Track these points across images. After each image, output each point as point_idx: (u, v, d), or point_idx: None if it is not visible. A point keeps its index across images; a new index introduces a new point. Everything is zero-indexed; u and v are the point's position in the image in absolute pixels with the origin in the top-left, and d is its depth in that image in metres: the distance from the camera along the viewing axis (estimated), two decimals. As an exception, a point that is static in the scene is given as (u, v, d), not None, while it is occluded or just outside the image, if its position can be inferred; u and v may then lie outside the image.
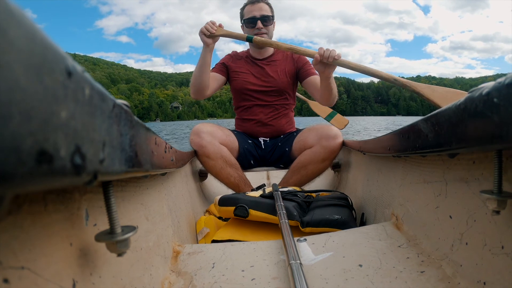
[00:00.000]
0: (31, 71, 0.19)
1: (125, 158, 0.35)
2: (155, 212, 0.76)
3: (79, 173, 0.24)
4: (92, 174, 0.27)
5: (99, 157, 0.27)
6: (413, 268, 0.66)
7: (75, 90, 0.24)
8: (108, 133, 0.30)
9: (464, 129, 0.44)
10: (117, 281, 0.49)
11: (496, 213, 0.47)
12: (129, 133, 0.37)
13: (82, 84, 0.25)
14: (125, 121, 0.35)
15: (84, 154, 0.24)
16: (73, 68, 0.23)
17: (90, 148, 0.26)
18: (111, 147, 0.30)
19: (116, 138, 0.32)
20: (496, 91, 0.35)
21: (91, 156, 0.26)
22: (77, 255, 0.39)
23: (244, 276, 0.70)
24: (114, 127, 0.32)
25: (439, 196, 0.69)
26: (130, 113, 0.38)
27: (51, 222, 0.35)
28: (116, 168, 0.32)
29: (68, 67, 0.23)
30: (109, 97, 0.31)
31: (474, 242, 0.56)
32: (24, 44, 0.18)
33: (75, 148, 0.23)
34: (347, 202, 1.25)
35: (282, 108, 1.99)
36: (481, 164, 0.56)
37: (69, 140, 0.22)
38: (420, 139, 0.61)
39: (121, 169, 0.33)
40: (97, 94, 0.28)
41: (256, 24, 1.88)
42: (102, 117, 0.29)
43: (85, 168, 0.25)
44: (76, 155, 0.23)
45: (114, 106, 0.32)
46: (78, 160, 0.24)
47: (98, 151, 0.27)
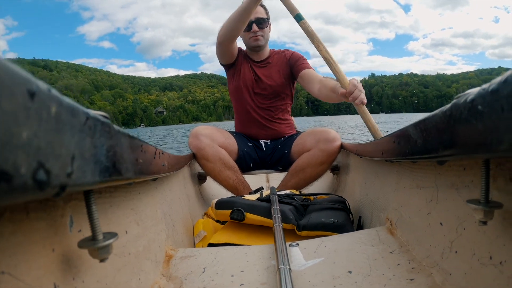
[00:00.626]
0: None
1: (100, 168, 0.35)
2: (146, 217, 0.76)
3: (43, 188, 0.24)
4: (59, 187, 0.27)
5: (67, 171, 0.28)
6: (402, 276, 0.65)
7: (39, 110, 0.24)
8: (79, 147, 0.30)
9: (451, 137, 0.43)
10: (102, 285, 0.49)
11: (483, 223, 0.46)
12: (106, 143, 0.37)
13: (47, 103, 0.25)
14: (101, 132, 0.36)
15: (48, 170, 0.25)
16: (37, 88, 0.24)
17: (55, 163, 0.26)
18: (81, 160, 0.30)
19: (88, 150, 0.32)
20: (481, 98, 0.34)
21: (57, 171, 0.26)
22: (59, 260, 0.40)
23: (233, 281, 0.70)
24: (87, 140, 0.32)
25: (430, 202, 0.69)
26: (108, 124, 0.38)
27: (33, 230, 0.36)
28: (87, 180, 0.32)
29: (31, 88, 0.23)
30: (81, 111, 0.31)
31: (463, 251, 0.56)
32: None
33: (38, 165, 0.24)
34: (344, 205, 1.25)
35: (280, 110, 1.99)
36: (471, 171, 0.56)
37: (30, 158, 0.23)
38: (410, 144, 0.61)
39: (95, 180, 0.34)
40: (66, 110, 0.28)
41: (252, 27, 1.88)
42: (71, 132, 0.29)
43: (49, 184, 0.25)
44: (39, 171, 0.24)
45: (87, 119, 0.32)
46: (42, 176, 0.24)
47: (66, 165, 0.28)
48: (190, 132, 1.71)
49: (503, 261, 0.46)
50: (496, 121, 0.32)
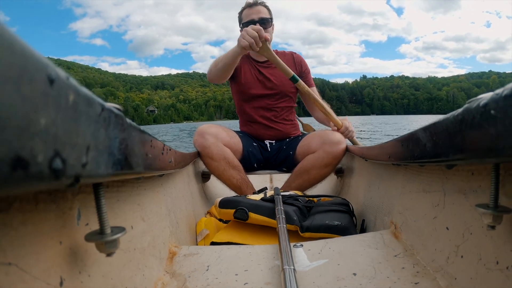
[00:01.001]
0: (8, 81, 0.19)
1: (112, 161, 0.35)
2: (152, 213, 0.76)
3: (58, 177, 0.24)
4: (73, 178, 0.27)
5: (82, 161, 0.28)
6: (407, 279, 0.65)
7: (57, 97, 0.24)
8: (94, 137, 0.30)
9: (461, 141, 0.43)
10: (107, 280, 0.49)
11: (491, 228, 0.46)
12: (119, 136, 0.37)
13: (65, 90, 0.25)
14: (115, 125, 0.36)
15: (64, 159, 0.25)
16: (56, 76, 0.24)
17: (71, 152, 0.26)
18: (96, 151, 0.30)
19: (102, 142, 0.32)
20: (494, 103, 0.34)
21: (73, 161, 0.26)
22: (66, 253, 0.40)
23: (237, 280, 0.70)
24: (101, 131, 0.32)
25: (437, 206, 0.68)
26: (121, 117, 0.38)
27: (42, 221, 0.36)
28: (101, 172, 0.32)
29: (50, 75, 0.23)
30: (97, 101, 0.31)
31: (469, 256, 0.56)
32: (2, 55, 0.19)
33: (54, 153, 0.24)
34: (348, 208, 1.24)
35: (285, 111, 1.99)
36: (479, 176, 0.55)
37: (47, 146, 0.23)
38: (419, 148, 0.60)
39: (107, 172, 0.34)
40: (83, 100, 0.28)
41: None
42: (87, 122, 0.29)
43: (65, 173, 0.25)
44: (56, 160, 0.24)
45: (102, 110, 0.32)
46: (58, 165, 0.24)
47: (81, 156, 0.28)
48: (196, 130, 1.71)
49: (509, 266, 0.46)
50: (509, 126, 0.32)
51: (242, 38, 1.56)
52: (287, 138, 1.98)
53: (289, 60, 2.01)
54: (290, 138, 1.97)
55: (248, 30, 1.55)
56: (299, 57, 2.07)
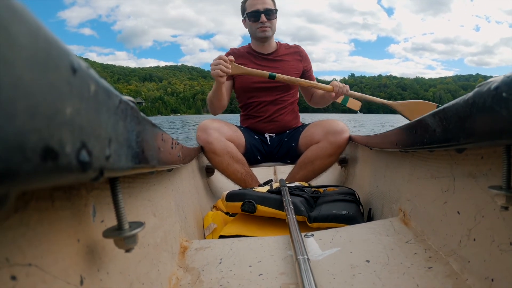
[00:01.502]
0: (35, 67, 0.19)
1: (131, 154, 0.35)
2: (162, 208, 0.76)
3: (85, 169, 0.24)
4: (99, 171, 0.27)
5: (105, 153, 0.28)
6: (420, 264, 0.66)
7: (80, 86, 0.24)
8: (114, 130, 0.30)
9: (472, 124, 0.43)
10: (125, 277, 0.49)
11: (504, 209, 0.46)
12: (136, 129, 0.37)
13: (87, 80, 0.25)
14: (131, 117, 0.35)
15: (90, 151, 0.24)
16: (78, 65, 0.23)
17: (96, 144, 0.26)
18: (117, 143, 0.30)
19: (122, 134, 0.32)
20: (505, 86, 0.35)
21: (97, 153, 0.26)
22: (84, 251, 0.40)
23: (251, 272, 0.70)
24: (120, 123, 0.32)
25: (447, 191, 0.69)
26: (136, 110, 0.38)
27: (58, 219, 0.36)
28: (122, 165, 0.32)
29: (72, 63, 0.23)
30: (114, 93, 0.31)
31: (482, 238, 0.56)
32: (27, 41, 0.18)
33: (81, 144, 0.23)
34: (354, 197, 1.25)
35: (288, 104, 1.98)
36: (489, 159, 0.56)
37: (74, 137, 0.22)
38: (428, 134, 0.60)
39: (128, 166, 0.34)
40: (103, 91, 0.28)
41: (260, 18, 1.86)
42: (108, 113, 0.29)
43: (91, 165, 0.25)
44: (82, 151, 0.23)
45: (120, 102, 0.32)
46: (84, 157, 0.24)
47: (104, 148, 0.27)
48: (198, 125, 1.70)
49: None
50: None
51: (213, 70, 1.66)
52: (287, 130, 1.98)
53: (295, 53, 2.01)
54: (291, 130, 1.97)
55: (213, 62, 1.67)
56: (304, 51, 2.06)
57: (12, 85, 0.17)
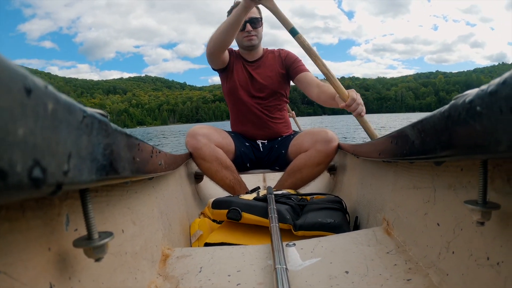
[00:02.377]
0: None
1: (96, 167, 0.35)
2: (143, 216, 0.76)
3: (39, 186, 0.24)
4: (55, 186, 0.26)
5: (63, 169, 0.27)
6: (399, 276, 0.65)
7: (35, 106, 0.24)
8: (75, 145, 0.30)
9: (449, 137, 0.43)
10: (98, 285, 0.49)
11: (480, 224, 0.46)
12: (103, 142, 0.37)
13: (44, 99, 0.25)
14: (98, 131, 0.35)
15: (44, 168, 0.25)
16: (34, 85, 0.23)
17: (51, 161, 0.26)
18: (78, 158, 0.30)
19: (85, 148, 0.32)
20: (479, 99, 0.34)
21: (53, 169, 0.26)
22: (55, 259, 0.40)
23: (229, 281, 0.69)
24: (84, 138, 0.32)
25: (428, 202, 0.69)
26: (105, 122, 0.38)
27: (29, 228, 0.35)
28: (84, 178, 0.32)
29: (27, 85, 0.23)
30: (78, 108, 0.31)
31: (460, 252, 0.56)
32: None
33: (34, 162, 0.23)
34: (341, 205, 1.25)
35: (277, 110, 1.98)
36: (468, 172, 0.56)
37: (26, 156, 0.23)
38: (408, 145, 0.61)
39: (91, 178, 0.33)
40: (63, 108, 0.28)
41: (246, 27, 1.87)
42: (67, 129, 0.29)
43: (45, 181, 0.25)
44: (35, 169, 0.24)
45: (84, 117, 0.32)
46: (38, 174, 0.24)
47: (62, 163, 0.27)
48: (187, 131, 1.70)
49: (500, 262, 0.46)
50: (495, 122, 0.32)
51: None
52: (279, 137, 1.98)
53: (276, 57, 2.01)
54: (282, 137, 1.97)
55: None
56: (284, 51, 2.04)
57: None
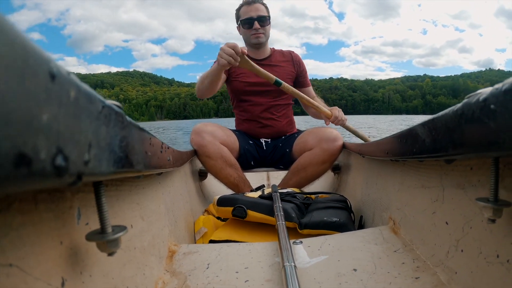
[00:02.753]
0: (11, 75, 0.19)
1: (114, 159, 0.35)
2: (151, 212, 0.76)
3: (61, 175, 0.24)
4: (76, 176, 0.26)
5: (84, 158, 0.27)
6: (408, 274, 0.65)
7: (59, 92, 0.24)
8: (95, 135, 0.30)
9: (461, 135, 0.43)
10: (108, 280, 0.49)
11: (491, 221, 0.46)
12: (120, 134, 0.37)
13: (66, 86, 0.25)
14: (115, 122, 0.35)
15: (67, 156, 0.24)
16: (57, 71, 0.23)
17: (74, 150, 0.25)
18: (98, 148, 0.30)
19: (104, 139, 0.32)
20: (493, 97, 0.35)
21: (75, 158, 0.26)
22: (67, 253, 0.39)
23: (237, 278, 0.70)
24: (103, 128, 0.32)
25: (436, 201, 0.69)
26: (122, 114, 0.38)
27: (42, 221, 0.35)
28: (103, 169, 0.32)
29: (51, 70, 0.23)
30: (97, 98, 0.31)
31: (469, 250, 0.56)
32: (4, 49, 0.18)
33: (57, 150, 0.23)
34: (345, 204, 1.25)
35: (282, 109, 1.98)
36: (478, 171, 0.56)
37: (50, 143, 0.22)
38: (418, 144, 0.61)
39: (109, 170, 0.33)
40: (84, 96, 0.28)
41: (253, 25, 1.89)
42: (89, 118, 0.28)
43: (68, 170, 0.25)
44: (58, 157, 0.23)
45: (103, 107, 0.32)
46: (60, 162, 0.24)
47: (83, 153, 0.27)
48: (192, 129, 1.70)
49: (510, 259, 0.46)
50: (509, 120, 0.32)
51: (220, 57, 1.53)
52: (282, 136, 1.98)
53: (288, 59, 2.02)
54: (286, 136, 1.97)
55: (224, 48, 1.53)
56: (297, 56, 2.07)
57: None
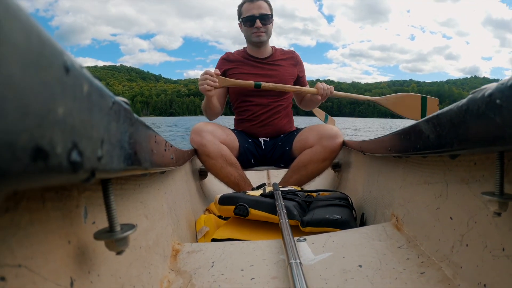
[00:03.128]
0: (27, 66, 0.18)
1: (124, 155, 0.34)
2: (154, 211, 0.76)
3: (76, 170, 0.24)
4: (90, 172, 0.26)
5: (97, 154, 0.27)
6: (413, 269, 0.66)
7: (73, 86, 0.23)
8: (107, 130, 0.30)
9: (466, 130, 0.44)
10: (116, 279, 0.48)
11: (497, 215, 0.46)
12: (128, 130, 0.36)
13: (80, 80, 0.24)
14: (124, 119, 0.35)
15: (81, 152, 0.24)
16: (71, 64, 0.23)
17: (88, 145, 0.25)
18: (109, 144, 0.30)
19: (115, 135, 0.32)
20: (499, 92, 0.35)
21: (89, 154, 0.25)
22: (75, 253, 0.39)
23: (243, 276, 0.70)
24: (113, 124, 0.31)
25: (439, 197, 0.69)
26: (129, 111, 0.37)
27: (49, 220, 0.35)
28: (114, 166, 0.31)
29: (66, 63, 0.22)
30: (107, 94, 0.30)
31: (474, 244, 0.56)
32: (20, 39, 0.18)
33: (72, 145, 0.23)
34: (347, 202, 1.25)
35: (282, 108, 1.98)
36: (482, 166, 0.56)
37: (66, 137, 0.22)
38: (421, 139, 0.61)
39: (120, 167, 0.33)
40: (96, 91, 0.27)
41: (255, 23, 1.88)
42: (100, 114, 0.28)
43: (83, 166, 0.24)
44: (73, 152, 0.23)
45: (113, 103, 0.32)
46: (76, 157, 0.23)
47: (96, 149, 0.27)
48: (192, 128, 1.70)
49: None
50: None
51: (200, 86, 1.69)
52: (281, 134, 1.98)
53: (289, 58, 2.02)
54: (285, 134, 1.97)
55: (200, 78, 1.70)
56: (298, 57, 2.08)
57: (3, 83, 0.17)
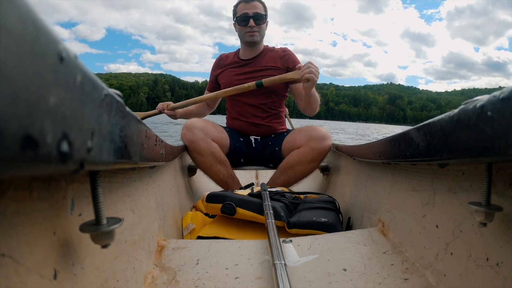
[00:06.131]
0: (21, 53, 0.18)
1: (114, 148, 0.34)
2: (141, 205, 0.75)
3: (65, 161, 0.23)
4: (79, 163, 0.26)
5: (87, 146, 0.27)
6: (397, 275, 0.66)
7: (66, 76, 0.23)
8: (98, 122, 0.29)
9: (456, 140, 0.44)
10: (100, 273, 0.48)
11: (483, 225, 0.47)
12: (120, 123, 0.36)
13: (73, 70, 0.24)
14: (116, 111, 0.35)
15: (71, 142, 0.24)
16: (66, 53, 0.23)
17: (78, 136, 0.25)
18: (100, 136, 0.30)
19: (105, 127, 0.31)
20: (491, 105, 0.36)
21: (79, 145, 0.25)
22: (60, 244, 0.38)
23: (227, 275, 0.69)
24: (105, 116, 0.31)
25: (426, 205, 0.70)
26: (122, 104, 0.37)
27: (36, 210, 0.34)
28: (104, 159, 0.31)
29: (60, 52, 0.22)
30: (100, 85, 0.30)
31: (459, 253, 0.57)
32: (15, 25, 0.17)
33: (62, 135, 0.23)
34: (334, 205, 1.25)
35: (273, 109, 1.98)
36: (470, 176, 0.57)
37: (56, 127, 0.22)
38: (411, 147, 0.61)
39: (109, 160, 0.33)
40: (89, 82, 0.27)
41: (249, 22, 1.88)
42: (92, 105, 0.28)
43: (72, 157, 0.24)
44: (63, 142, 0.23)
45: (105, 95, 0.31)
46: (65, 148, 0.23)
47: (86, 140, 0.27)
48: (184, 124, 1.69)
49: (499, 263, 0.47)
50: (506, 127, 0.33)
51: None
52: (272, 134, 1.98)
53: (276, 56, 1.98)
54: (276, 134, 1.97)
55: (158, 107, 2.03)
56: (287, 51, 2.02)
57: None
